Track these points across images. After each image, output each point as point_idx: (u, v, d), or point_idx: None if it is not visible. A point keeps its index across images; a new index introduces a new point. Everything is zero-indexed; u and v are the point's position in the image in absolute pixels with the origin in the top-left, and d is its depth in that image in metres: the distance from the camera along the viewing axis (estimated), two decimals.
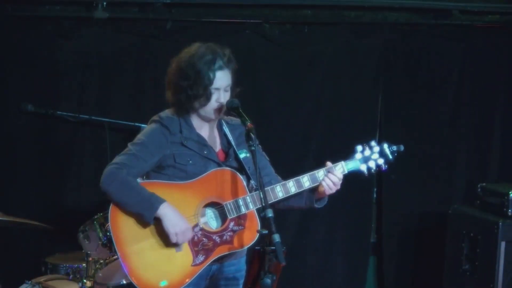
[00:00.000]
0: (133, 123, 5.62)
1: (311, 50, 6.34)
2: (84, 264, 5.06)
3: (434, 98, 6.58)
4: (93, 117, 5.81)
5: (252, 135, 3.81)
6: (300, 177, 3.95)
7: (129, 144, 3.96)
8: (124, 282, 4.79)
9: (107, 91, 6.00)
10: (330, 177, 3.93)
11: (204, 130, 4.03)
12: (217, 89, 3.92)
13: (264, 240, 3.67)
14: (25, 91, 5.83)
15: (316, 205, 4.03)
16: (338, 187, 3.97)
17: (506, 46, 6.58)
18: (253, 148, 3.80)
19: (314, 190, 3.99)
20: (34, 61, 5.85)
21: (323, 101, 6.37)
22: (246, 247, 3.93)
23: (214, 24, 6.07)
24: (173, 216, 3.82)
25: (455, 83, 6.59)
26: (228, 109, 3.97)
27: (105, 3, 5.63)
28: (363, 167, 4.01)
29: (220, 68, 3.91)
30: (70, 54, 5.91)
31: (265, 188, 3.77)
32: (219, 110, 3.95)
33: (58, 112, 5.79)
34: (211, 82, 3.89)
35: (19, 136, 5.87)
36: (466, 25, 6.45)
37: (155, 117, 4.02)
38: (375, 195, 6.61)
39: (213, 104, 3.93)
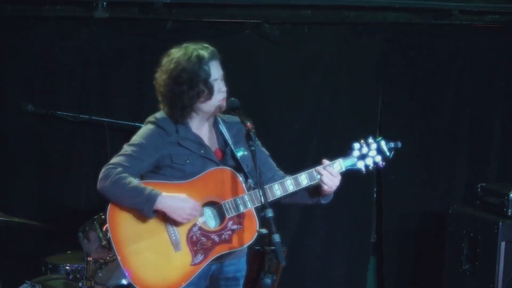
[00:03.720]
0: (133, 123, 5.61)
1: (311, 50, 6.33)
2: (84, 264, 5.06)
3: (434, 98, 6.58)
4: (93, 117, 5.81)
5: (252, 135, 3.82)
6: (298, 175, 3.94)
7: (125, 145, 3.95)
8: (124, 282, 4.78)
9: (107, 91, 6.00)
10: (325, 173, 3.91)
11: (200, 129, 4.01)
12: (216, 79, 3.92)
13: (264, 240, 3.67)
14: (25, 91, 5.82)
15: (322, 201, 4.03)
16: (337, 183, 3.95)
17: (506, 46, 6.58)
18: (253, 148, 3.80)
19: (319, 186, 3.97)
20: (34, 61, 5.84)
21: (323, 101, 6.37)
22: (245, 246, 3.92)
23: (214, 24, 6.07)
24: (174, 204, 3.81)
25: (455, 83, 6.59)
26: (228, 109, 3.97)
27: (105, 3, 5.63)
28: (361, 164, 3.99)
29: (211, 59, 3.92)
30: (70, 54, 5.90)
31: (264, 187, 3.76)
32: (224, 100, 3.94)
33: (58, 112, 5.78)
34: (209, 74, 3.90)
35: (19, 136, 5.86)
36: (466, 25, 6.45)
37: (150, 118, 4.02)
38: (375, 195, 6.61)
39: (217, 96, 3.93)
